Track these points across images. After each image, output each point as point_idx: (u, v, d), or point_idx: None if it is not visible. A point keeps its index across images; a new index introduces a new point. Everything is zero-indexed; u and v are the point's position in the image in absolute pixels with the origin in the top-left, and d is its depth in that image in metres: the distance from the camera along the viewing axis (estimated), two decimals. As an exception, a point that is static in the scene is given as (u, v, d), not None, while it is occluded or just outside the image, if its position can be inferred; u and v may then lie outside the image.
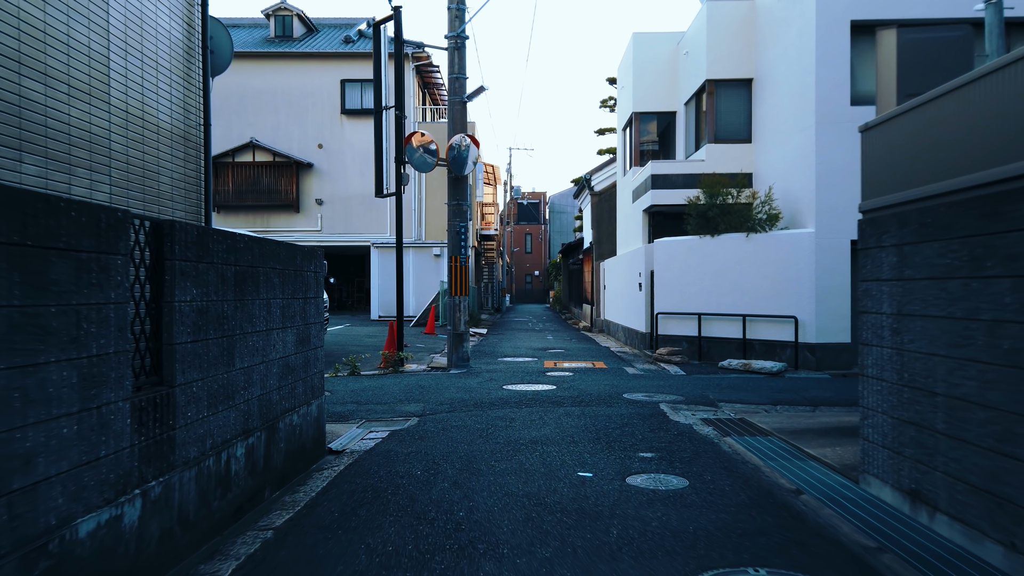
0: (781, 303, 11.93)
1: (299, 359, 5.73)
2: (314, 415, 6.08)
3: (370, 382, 10.24)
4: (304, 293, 5.90)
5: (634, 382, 10.23)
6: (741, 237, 12.47)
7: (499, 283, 42.39)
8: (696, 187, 14.40)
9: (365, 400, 8.74)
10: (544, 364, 12.68)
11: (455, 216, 11.88)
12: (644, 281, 14.82)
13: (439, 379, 10.53)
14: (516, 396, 8.92)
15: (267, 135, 29.73)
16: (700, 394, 9.13)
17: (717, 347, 12.79)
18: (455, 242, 11.83)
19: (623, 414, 7.72)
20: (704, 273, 12.96)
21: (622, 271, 18.05)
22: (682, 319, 13.29)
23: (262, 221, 29.97)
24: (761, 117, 14.32)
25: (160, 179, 6.15)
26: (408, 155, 11.76)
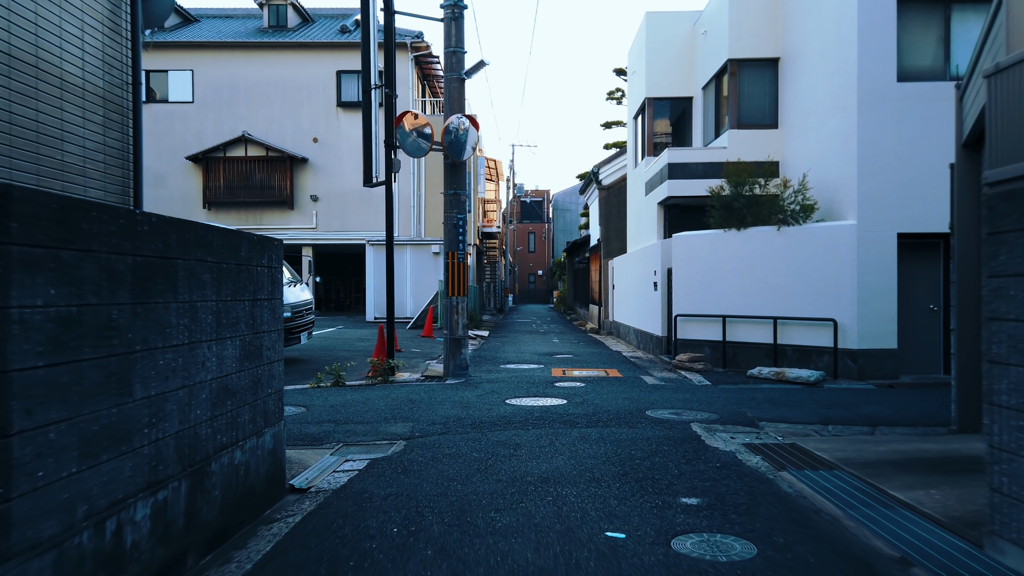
0: (817, 304, 10.64)
1: (245, 378, 4.46)
2: (268, 447, 4.82)
3: (354, 395, 8.98)
4: (253, 293, 4.64)
5: (656, 395, 8.95)
6: (771, 231, 11.19)
7: (501, 283, 41.14)
8: (717, 177, 13.12)
9: (346, 418, 7.48)
10: (551, 372, 11.41)
11: (452, 207, 10.62)
12: (660, 280, 13.54)
13: (433, 391, 9.27)
14: (521, 414, 7.64)
15: (260, 129, 28.53)
16: (735, 411, 7.85)
17: (744, 353, 11.51)
18: (452, 236, 10.57)
19: (650, 438, 6.45)
20: (729, 271, 11.68)
21: (634, 269, 16.77)
22: (704, 322, 12.01)
23: (255, 218, 28.77)
24: (789, 100, 13.03)
25: (65, 147, 4.90)
26: (400, 139, 10.49)
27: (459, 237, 10.54)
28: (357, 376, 10.65)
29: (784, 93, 13.26)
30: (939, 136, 10.12)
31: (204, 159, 28.56)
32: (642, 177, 16.61)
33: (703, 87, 15.22)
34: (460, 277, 10.56)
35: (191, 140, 28.73)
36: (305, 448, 6.37)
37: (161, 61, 28.89)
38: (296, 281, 12.55)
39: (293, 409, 8.02)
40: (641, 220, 17.04)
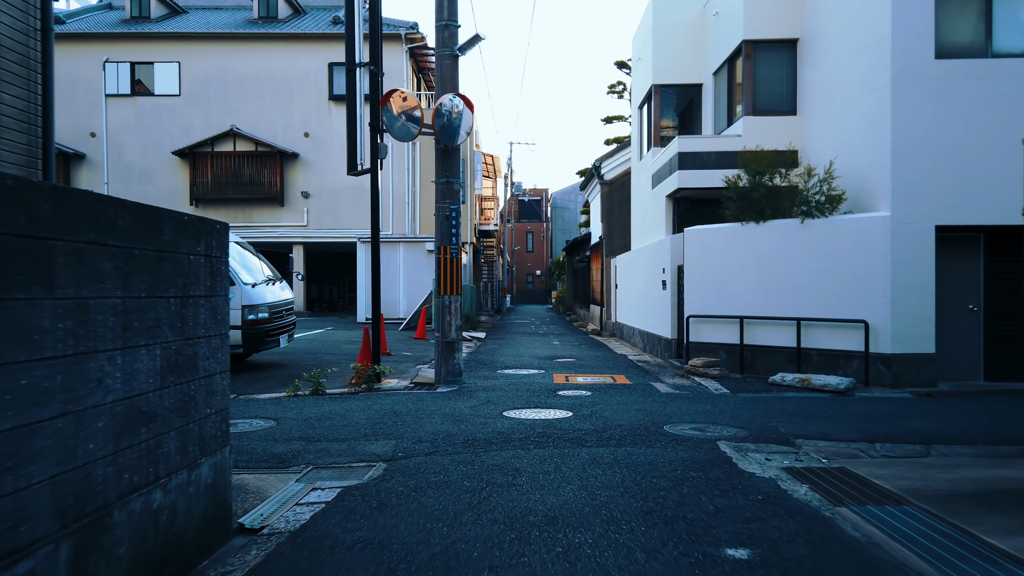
0: (845, 304, 9.69)
1: (169, 397, 3.50)
2: (205, 481, 3.86)
3: (333, 406, 7.99)
4: (183, 288, 3.67)
5: (671, 406, 7.98)
6: (794, 224, 10.23)
7: (499, 283, 40.16)
8: (731, 167, 12.18)
9: (320, 434, 6.51)
10: (553, 378, 10.44)
11: (444, 197, 9.64)
12: (669, 278, 12.58)
13: (422, 401, 8.29)
14: (521, 429, 6.67)
15: (249, 123, 27.56)
16: (764, 425, 6.88)
17: (763, 358, 10.55)
18: (445, 229, 9.60)
19: (673, 461, 5.48)
20: (746, 268, 10.72)
21: (639, 267, 15.82)
22: (719, 323, 11.05)
23: (244, 215, 27.82)
24: (810, 84, 12.07)
25: (-63, 101, 3.91)
26: (387, 122, 9.51)
27: (452, 230, 9.57)
28: (340, 383, 9.67)
29: (803, 77, 12.30)
30: (981, 118, 9.18)
31: (191, 154, 27.58)
32: (648, 169, 15.65)
33: (714, 72, 14.27)
34: (453, 274, 9.59)
35: (178, 134, 27.76)
36: (268, 472, 5.40)
37: (147, 53, 27.93)
38: (276, 279, 11.57)
39: (261, 423, 7.05)
40: (647, 215, 16.09)
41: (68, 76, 27.43)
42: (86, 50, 27.77)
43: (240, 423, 7.05)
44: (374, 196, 9.85)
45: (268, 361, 12.06)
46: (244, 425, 6.96)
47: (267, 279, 11.14)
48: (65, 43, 27.45)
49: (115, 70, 28.10)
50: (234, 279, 10.29)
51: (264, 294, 10.78)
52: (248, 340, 10.34)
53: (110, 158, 27.98)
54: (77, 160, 27.72)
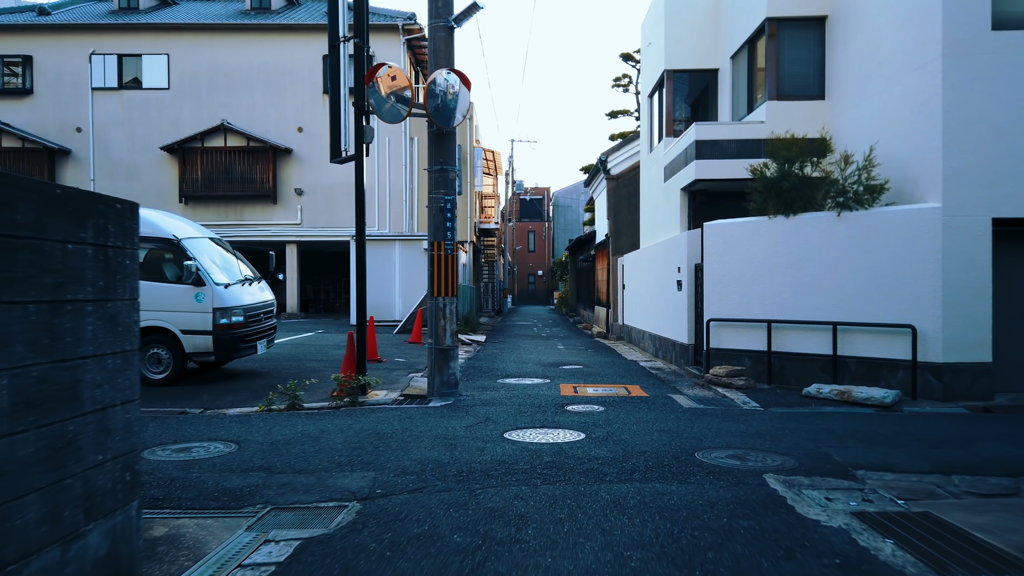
0: (888, 307, 8.62)
1: (24, 446, 2.44)
2: (96, 554, 2.82)
3: (308, 425, 6.93)
4: (54, 291, 2.62)
5: (699, 425, 6.90)
6: (829, 217, 9.16)
7: (500, 283, 39.10)
8: (753, 156, 11.12)
9: (286, 464, 5.45)
10: (560, 390, 9.37)
11: (438, 186, 8.58)
12: (685, 278, 11.51)
13: (411, 419, 7.22)
14: (526, 457, 5.60)
15: (241, 117, 26.52)
16: (813, 450, 5.82)
17: (794, 366, 9.48)
18: (439, 222, 8.54)
19: (715, 503, 4.42)
20: (774, 266, 9.65)
21: (650, 266, 14.75)
22: (744, 328, 9.98)
23: (235, 213, 26.81)
24: (840, 64, 11.00)
25: None
26: (375, 104, 8.46)
27: (447, 223, 8.51)
28: (321, 395, 8.61)
29: (833, 57, 11.24)
30: (1046, 97, 8.11)
31: (180, 150, 26.56)
32: (660, 161, 14.59)
33: (732, 56, 13.20)
34: (448, 273, 8.53)
35: (167, 129, 26.74)
36: (215, 514, 4.36)
37: (135, 44, 26.93)
38: (254, 279, 10.51)
39: (220, 447, 6.00)
40: (658, 210, 15.02)
41: (53, 69, 26.45)
42: (72, 42, 26.76)
43: (195, 447, 5.99)
44: (359, 186, 8.79)
45: (246, 369, 11.01)
46: (199, 450, 5.90)
47: (243, 279, 10.09)
48: (50, 35, 26.45)
49: (102, 63, 27.08)
50: (204, 279, 9.24)
51: (239, 295, 9.73)
52: (220, 346, 9.29)
53: (96, 154, 26.97)
54: (62, 156, 26.70)
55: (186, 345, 9.25)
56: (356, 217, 8.72)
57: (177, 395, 8.81)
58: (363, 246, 8.68)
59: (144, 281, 9.42)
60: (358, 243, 8.66)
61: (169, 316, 9.24)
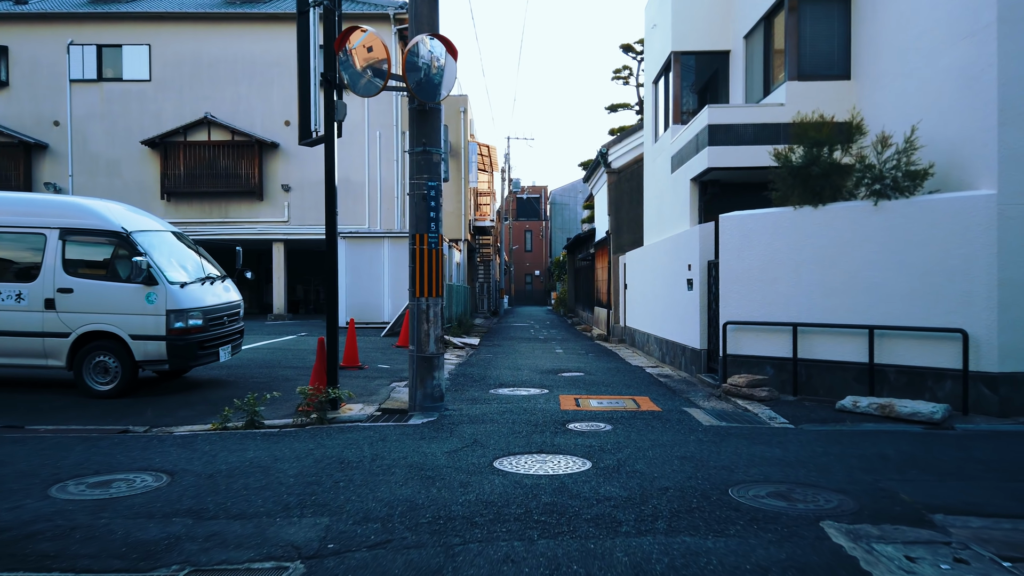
0: (935, 308, 7.56)
1: None
2: None
3: (261, 450, 5.84)
4: None
5: (725, 449, 5.83)
6: (864, 207, 8.10)
7: (496, 283, 38.02)
8: (772, 141, 10.08)
9: (221, 504, 4.37)
10: (560, 402, 8.29)
11: (421, 170, 7.50)
12: (697, 276, 10.45)
13: (384, 442, 6.12)
14: (519, 496, 4.51)
15: (225, 110, 25.40)
16: (870, 485, 4.74)
17: (823, 375, 8.41)
18: (421, 211, 7.45)
19: (765, 568, 3.35)
20: (801, 262, 8.59)
21: (656, 264, 13.69)
22: (765, 332, 8.91)
23: (220, 210, 25.70)
24: (869, 40, 9.95)
25: None
26: (349, 78, 7.35)
27: (431, 213, 7.43)
28: (287, 409, 7.52)
29: (860, 33, 10.19)
30: (1119, 67, 7.06)
31: (162, 144, 25.46)
32: (667, 151, 13.52)
33: (745, 35, 12.14)
34: (432, 270, 7.45)
35: (148, 123, 25.62)
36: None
37: (114, 34, 25.81)
38: (218, 278, 9.42)
39: (147, 481, 4.92)
40: (665, 204, 13.96)
41: (30, 60, 25.31)
42: (49, 32, 25.62)
43: (118, 481, 4.92)
44: (328, 171, 7.71)
45: (210, 378, 9.91)
46: (121, 485, 4.82)
47: (205, 277, 8.99)
48: (27, 24, 25.31)
49: (80, 53, 25.94)
50: (157, 277, 8.15)
51: (199, 295, 8.64)
52: (175, 353, 8.19)
53: (75, 148, 25.86)
54: (39, 151, 25.57)
55: (136, 352, 8.15)
56: (326, 207, 7.65)
57: (124, 409, 7.72)
58: (334, 240, 7.60)
59: (87, 279, 8.38)
60: (328, 236, 7.58)
61: (117, 319, 8.14)
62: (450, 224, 26.12)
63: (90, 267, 8.35)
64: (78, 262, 8.33)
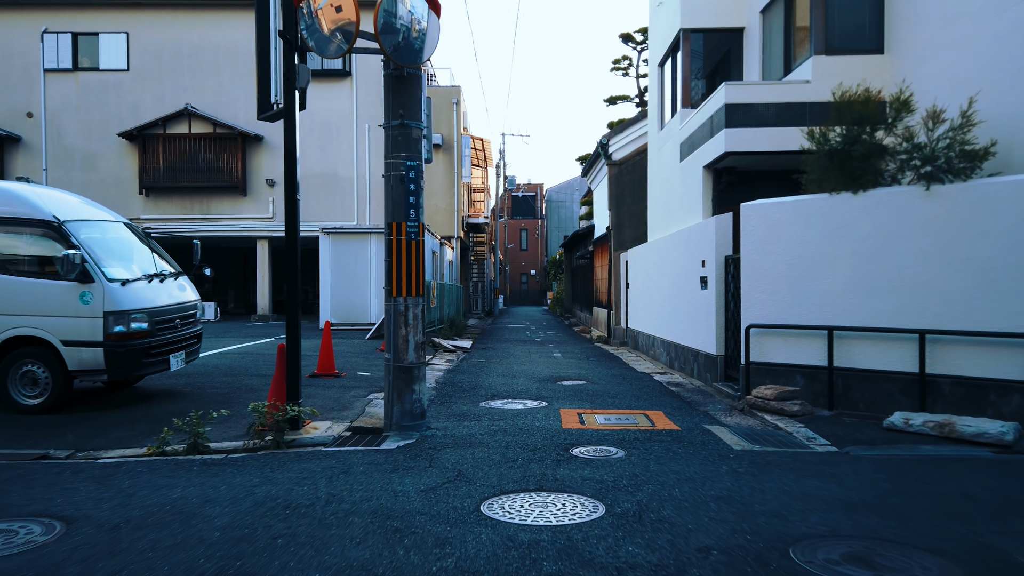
0: (997, 309, 6.47)
1: None
2: None
3: (191, 486, 4.70)
4: None
5: (770, 484, 4.71)
6: (913, 192, 7.01)
7: (491, 282, 36.90)
8: (796, 123, 9.04)
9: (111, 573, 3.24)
10: (561, 418, 7.17)
11: (398, 147, 6.38)
12: (713, 274, 9.35)
13: (347, 475, 4.99)
14: (514, 563, 3.39)
15: (207, 101, 24.22)
16: (970, 540, 3.63)
17: (864, 387, 7.31)
18: (399, 196, 6.34)
19: None
20: (837, 257, 7.49)
21: (662, 261, 12.60)
22: (795, 337, 7.81)
23: (201, 206, 24.53)
24: (907, 8, 8.88)
25: None
26: (310, 37, 6.25)
27: (410, 197, 6.31)
28: (241, 427, 6.37)
29: (895, 2, 9.11)
30: None
31: (140, 136, 24.28)
32: (675, 137, 12.43)
33: (763, 9, 11.05)
34: (412, 265, 6.33)
35: (126, 114, 24.44)
36: None
37: (91, 22, 24.61)
38: (173, 275, 8.27)
39: (35, 531, 3.81)
40: (673, 196, 12.86)
41: (2, 48, 24.10)
42: (22, 19, 24.40)
43: (-10, 534, 3.78)
44: (288, 149, 6.62)
45: (164, 388, 8.76)
46: (-8, 542, 3.69)
47: (152, 274, 7.85)
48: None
49: (55, 41, 24.73)
50: (93, 273, 7.01)
51: (146, 295, 7.50)
52: (115, 362, 7.05)
53: (49, 141, 24.65)
54: (11, 143, 24.35)
55: (69, 361, 7.01)
56: (286, 192, 6.54)
57: (50, 428, 6.58)
58: (295, 229, 6.48)
59: (10, 276, 7.22)
60: (288, 226, 6.47)
61: (46, 322, 7.00)
62: (442, 220, 25.00)
63: (15, 262, 7.20)
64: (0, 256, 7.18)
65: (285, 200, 6.49)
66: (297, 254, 6.46)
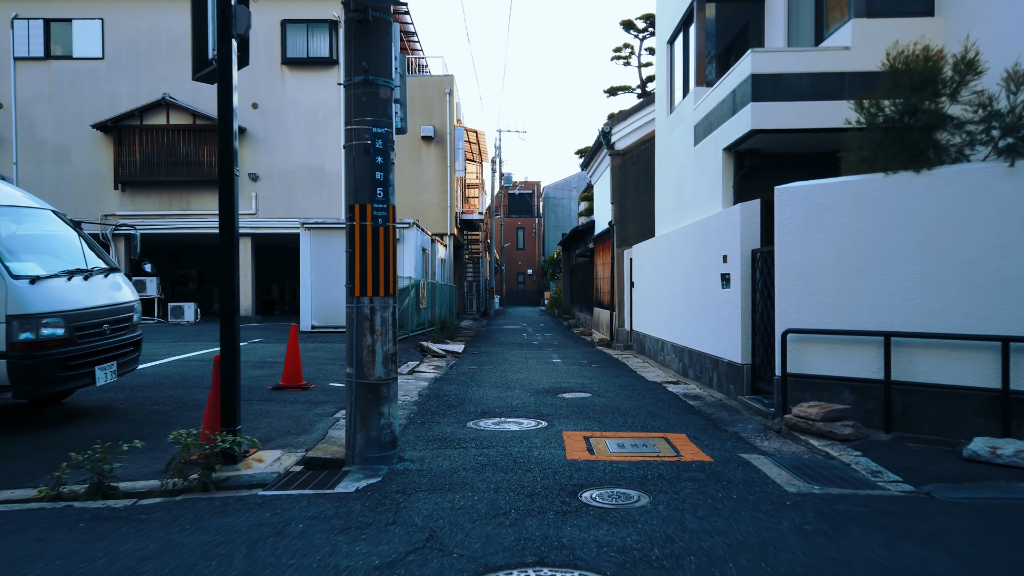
0: (1103, 313, 5.24)
1: None
2: None
3: (57, 560, 3.42)
4: None
5: (857, 557, 3.46)
6: (991, 170, 5.77)
7: (486, 282, 35.63)
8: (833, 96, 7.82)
9: None
10: (564, 445, 5.92)
11: (362, 110, 5.11)
12: (738, 270, 8.12)
13: (279, 538, 3.71)
14: None
15: (186, 91, 22.91)
16: None
17: (929, 406, 6.07)
18: (362, 171, 5.08)
19: None
20: (894, 249, 6.25)
21: (673, 257, 11.36)
22: (841, 345, 6.57)
23: (180, 201, 23.22)
24: (963, -38, 7.65)
25: None
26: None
27: (376, 173, 5.05)
28: (164, 460, 5.09)
29: (948, -44, 7.90)
30: None
31: (116, 128, 22.98)
32: (688, 120, 11.19)
33: (789, -27, 9.82)
34: (379, 258, 5.08)
35: (101, 105, 23.14)
36: None
37: (63, 7, 23.29)
38: (101, 270, 6.99)
39: None
40: (685, 184, 11.62)
41: (-31, 35, 22.83)
42: (-10, 5, 23.08)
43: None
44: (223, 108, 5.37)
45: (99, 404, 7.48)
46: None
47: (75, 271, 6.57)
48: (-36, -4, 22.83)
49: (26, 28, 23.42)
50: (-7, 268, 5.73)
51: (63, 295, 6.22)
52: (21, 376, 5.78)
53: (20, 134, 23.34)
54: (-21, 135, 23.01)
55: (-36, 375, 5.74)
56: (220, 164, 5.26)
57: (-66, 460, 5.30)
58: (232, 215, 5.19)
59: None
60: (223, 208, 5.19)
61: (-65, 329, 5.73)
62: (434, 216, 23.75)
63: (-102, 255, 5.93)
64: None
65: (220, 176, 5.22)
66: (235, 243, 5.19)
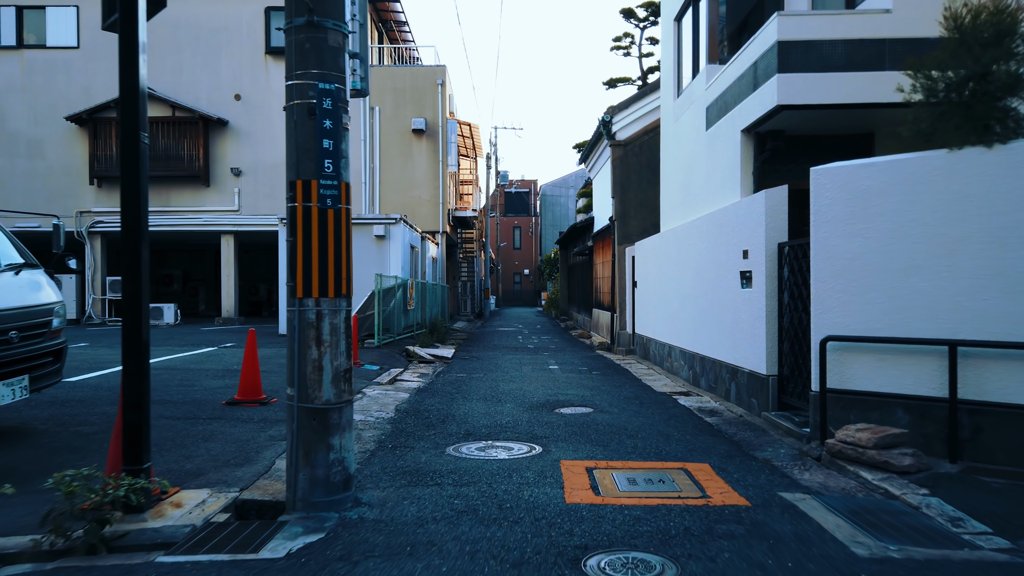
0: None
1: None
2: None
3: None
4: None
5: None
6: (1085, 142, 4.72)
7: (481, 282, 34.56)
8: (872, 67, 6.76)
9: None
10: (564, 482, 4.83)
11: (304, 63, 4.03)
12: (763, 266, 7.05)
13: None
14: None
15: (166, 82, 21.85)
16: None
17: (1006, 430, 5.01)
18: (304, 138, 4.00)
19: None
20: (960, 239, 5.19)
21: (682, 254, 10.29)
22: (893, 355, 5.50)
23: (160, 197, 22.13)
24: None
25: None
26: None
27: (324, 141, 3.98)
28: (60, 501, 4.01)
29: (1005, -96, 6.84)
30: None
31: (91, 120, 21.96)
32: (699, 102, 10.12)
33: (813, -65, 8.76)
34: (328, 248, 4.01)
35: (76, 96, 22.10)
36: None
37: (37, -7, 22.23)
38: (13, 267, 5.89)
39: None
40: (695, 173, 10.55)
41: (-63, 23, 21.73)
42: (-40, -9, 22.01)
43: None
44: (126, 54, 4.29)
45: (17, 423, 6.38)
46: None
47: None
48: (-68, -19, 21.74)
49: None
50: None
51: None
52: None
53: (-9, 126, 22.26)
54: (-52, 128, 21.92)
55: None
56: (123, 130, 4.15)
57: None
58: (137, 187, 4.07)
59: None
60: (126, 184, 4.08)
61: None
62: (425, 213, 22.67)
63: None
64: None
65: (121, 144, 4.11)
66: (142, 230, 4.08)
